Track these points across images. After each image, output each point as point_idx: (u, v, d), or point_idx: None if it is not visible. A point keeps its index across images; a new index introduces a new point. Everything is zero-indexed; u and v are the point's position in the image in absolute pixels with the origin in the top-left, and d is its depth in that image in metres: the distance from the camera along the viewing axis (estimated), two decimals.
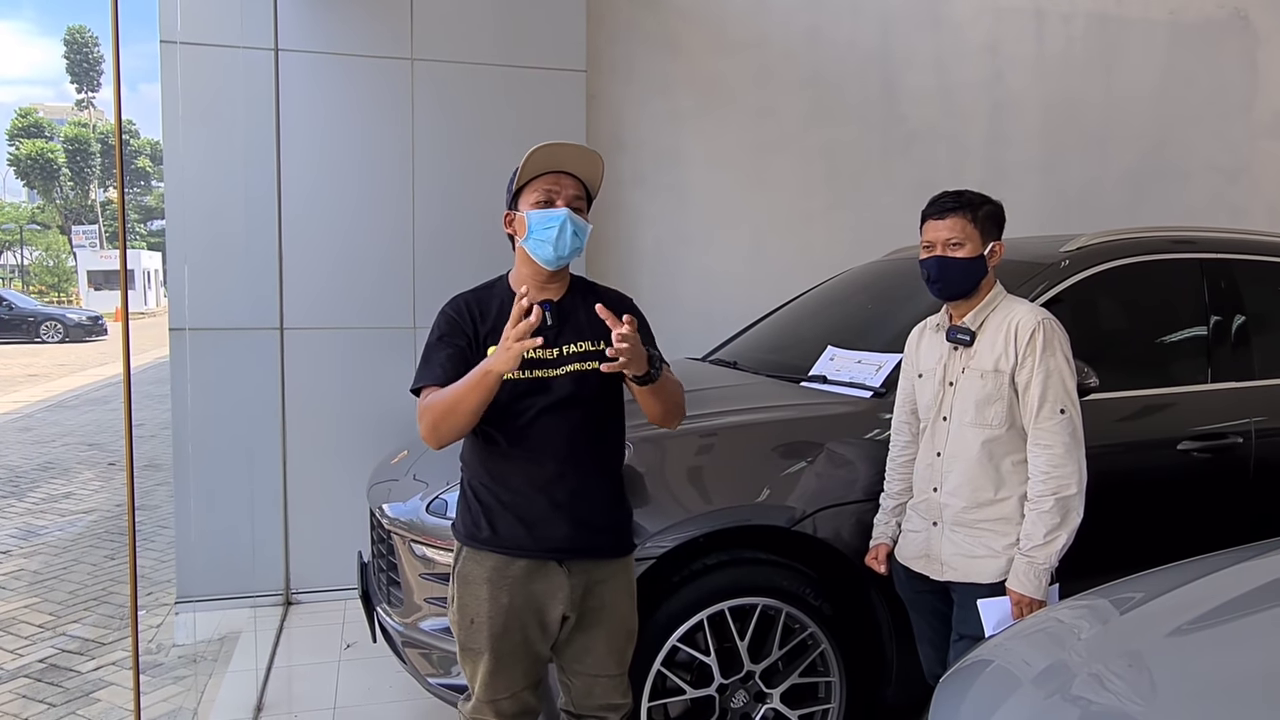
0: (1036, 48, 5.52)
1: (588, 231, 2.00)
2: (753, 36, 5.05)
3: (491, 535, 1.99)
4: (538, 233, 1.96)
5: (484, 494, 2.01)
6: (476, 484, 2.04)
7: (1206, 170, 5.91)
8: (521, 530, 1.97)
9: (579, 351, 1.99)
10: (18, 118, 48.94)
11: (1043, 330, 2.15)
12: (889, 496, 2.44)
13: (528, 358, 1.92)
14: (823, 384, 2.85)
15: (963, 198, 2.23)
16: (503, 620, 1.98)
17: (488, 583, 1.98)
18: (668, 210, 4.96)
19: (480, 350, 1.96)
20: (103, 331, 24.73)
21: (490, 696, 2.03)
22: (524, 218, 1.98)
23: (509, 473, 1.99)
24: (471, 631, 2.00)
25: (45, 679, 3.51)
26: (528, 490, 1.97)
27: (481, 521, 2.00)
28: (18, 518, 6.00)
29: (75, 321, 24.26)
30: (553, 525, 1.97)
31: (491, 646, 1.98)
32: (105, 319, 25.42)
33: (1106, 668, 1.50)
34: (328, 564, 4.06)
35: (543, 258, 1.97)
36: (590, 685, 2.08)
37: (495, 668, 2.00)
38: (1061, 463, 2.11)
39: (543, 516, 1.97)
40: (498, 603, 1.97)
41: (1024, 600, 2.09)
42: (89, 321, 24.54)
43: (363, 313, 4.12)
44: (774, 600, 2.44)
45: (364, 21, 4.10)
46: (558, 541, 1.98)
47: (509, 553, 1.98)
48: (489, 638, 1.98)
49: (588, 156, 2.00)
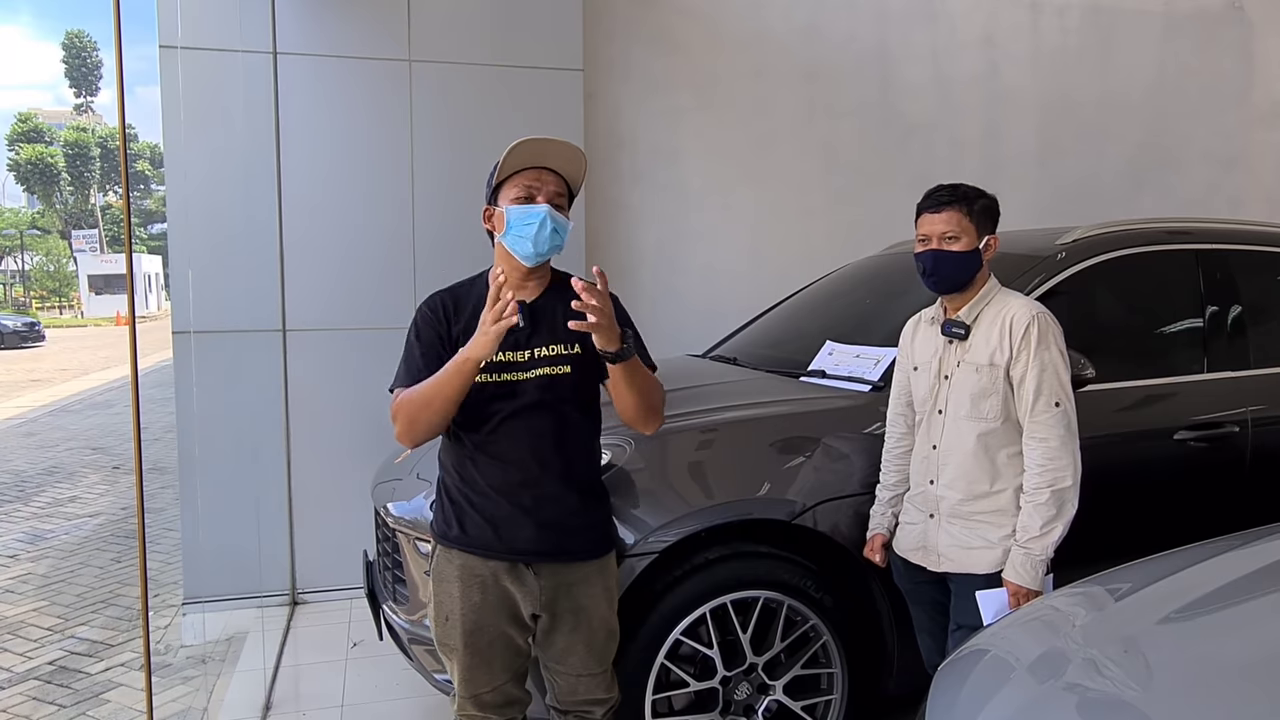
0: (1032, 41, 5.54)
1: (568, 229, 1.99)
2: (750, 32, 5.06)
3: (461, 534, 2.00)
4: (517, 228, 1.94)
5: (455, 494, 2.03)
6: (449, 483, 2.05)
7: (1203, 161, 5.92)
8: (489, 531, 1.98)
9: (550, 355, 1.98)
10: (17, 123, 48.98)
11: (1037, 324, 2.17)
12: (885, 488, 2.46)
13: (497, 361, 1.91)
14: (822, 379, 2.87)
15: (958, 191, 2.24)
16: (475, 617, 1.99)
17: (459, 580, 2.00)
18: (667, 207, 4.98)
19: (453, 349, 1.93)
20: (39, 338, 24.50)
21: (471, 691, 2.05)
22: (503, 213, 1.96)
23: (477, 474, 1.99)
24: (447, 628, 2.02)
25: (55, 681, 3.54)
26: (493, 493, 1.98)
27: (452, 520, 2.02)
28: (24, 522, 6.03)
29: (11, 329, 24.03)
30: (518, 528, 1.97)
31: (466, 643, 2.00)
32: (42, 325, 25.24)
33: (1102, 654, 1.52)
34: (333, 564, 4.09)
35: (521, 254, 1.96)
36: (574, 684, 2.10)
37: (472, 662, 2.02)
38: (1057, 455, 2.13)
39: (508, 519, 1.97)
40: (469, 600, 1.99)
41: (1021, 591, 2.11)
42: (24, 328, 24.36)
43: (364, 313, 4.14)
44: (775, 593, 2.46)
45: (361, 23, 4.11)
46: (523, 544, 1.98)
47: (477, 552, 1.99)
48: (463, 634, 2.00)
49: (570, 152, 1.98)
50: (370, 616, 2.99)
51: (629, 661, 2.33)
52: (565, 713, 2.15)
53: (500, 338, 1.78)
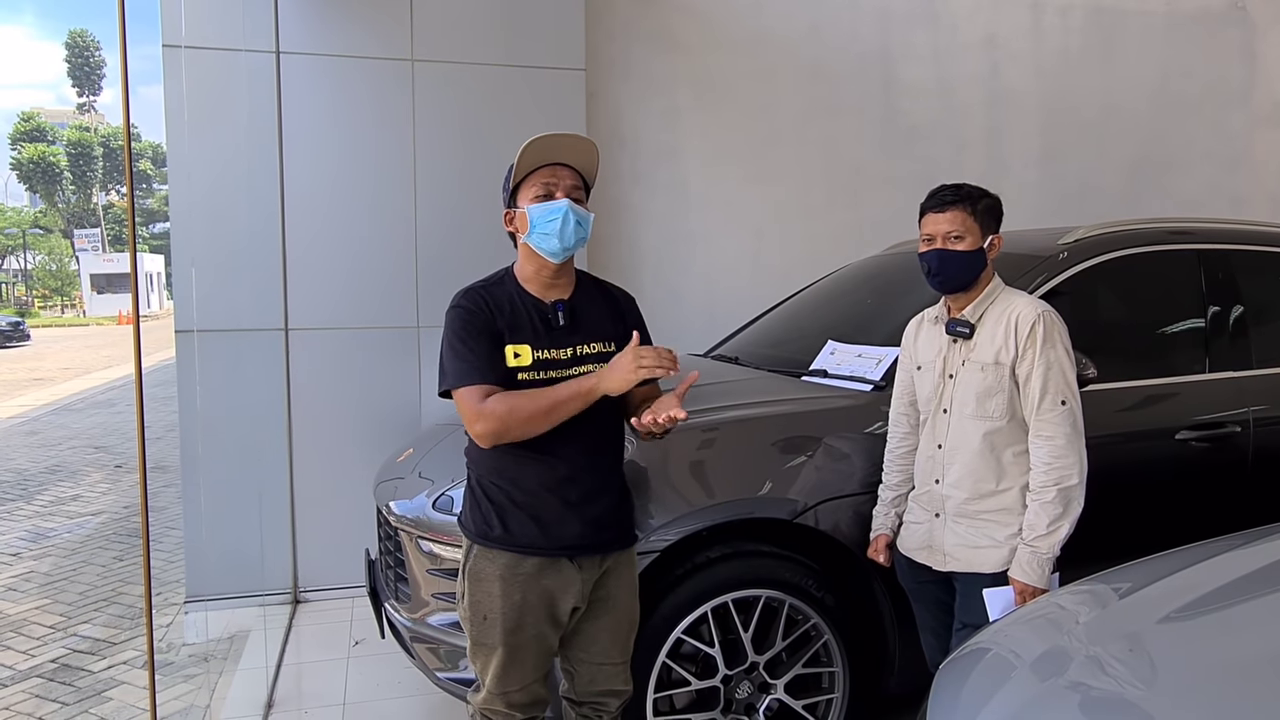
0: (1034, 41, 5.54)
1: (590, 221, 2.00)
2: (752, 32, 5.06)
3: (504, 533, 1.99)
4: (541, 226, 1.95)
5: (495, 492, 2.01)
6: (486, 482, 2.03)
7: (1205, 161, 5.92)
8: (535, 529, 1.98)
9: (591, 353, 2.00)
10: (20, 122, 49.05)
11: (1043, 322, 2.17)
12: (888, 488, 2.46)
13: (541, 358, 1.94)
14: (823, 378, 2.87)
15: (962, 191, 2.24)
16: (516, 616, 1.99)
17: (500, 580, 1.99)
18: (669, 207, 4.98)
19: (500, 346, 1.94)
20: (24, 337, 24.35)
21: (502, 689, 2.05)
22: (525, 213, 1.96)
23: (521, 472, 1.98)
24: (485, 627, 2.02)
25: (58, 679, 3.54)
26: (540, 490, 1.98)
27: (493, 519, 2.00)
28: (27, 520, 6.04)
29: None
30: (566, 524, 1.98)
31: (505, 641, 2.00)
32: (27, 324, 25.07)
33: (1105, 652, 1.52)
34: (335, 562, 4.09)
35: (548, 250, 1.96)
36: (594, 673, 2.11)
37: (508, 661, 2.02)
38: (1063, 453, 2.13)
39: (556, 516, 1.98)
40: (510, 599, 1.99)
41: (1027, 589, 2.11)
42: (9, 327, 24.23)
43: (367, 313, 4.14)
44: (777, 592, 2.46)
45: (364, 23, 4.12)
46: (571, 540, 1.99)
47: (522, 551, 1.99)
48: (502, 633, 2.00)
49: (583, 145, 1.99)
50: (372, 615, 3.00)
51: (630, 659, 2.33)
52: (580, 704, 2.16)
53: (634, 381, 1.84)
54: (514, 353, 1.95)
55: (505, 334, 1.96)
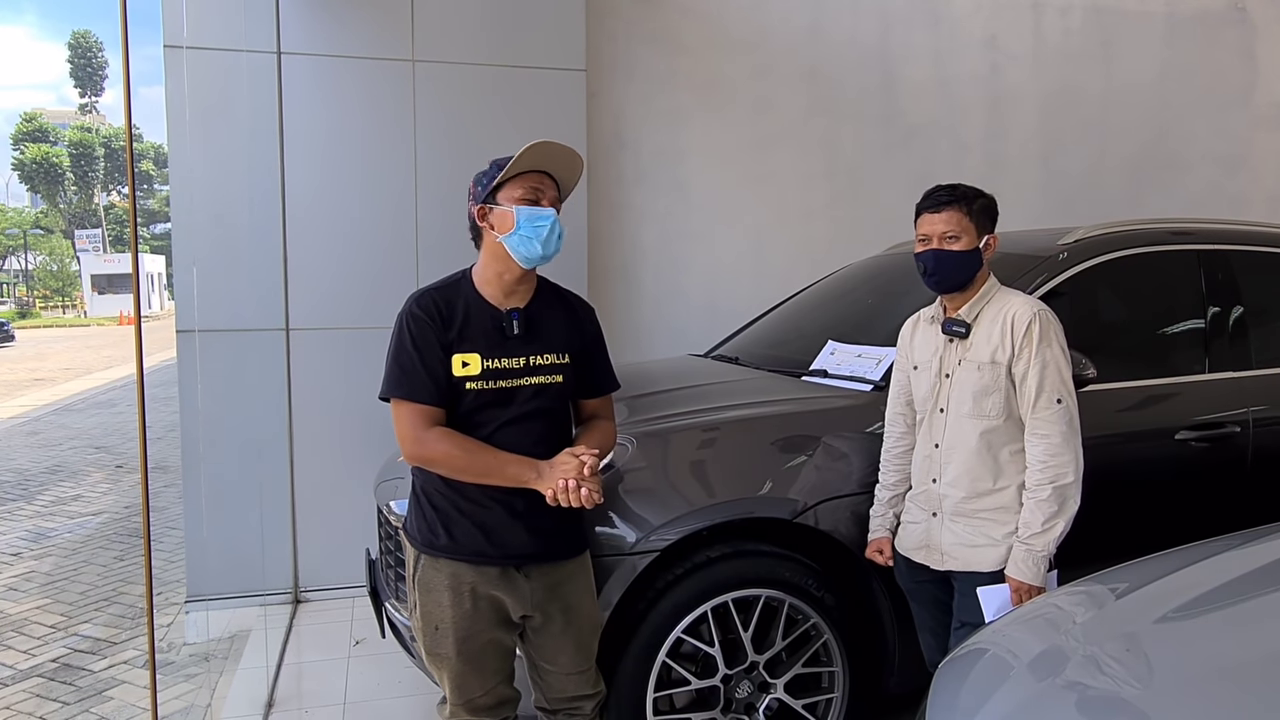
0: (1034, 41, 5.54)
1: (564, 236, 2.00)
2: (752, 33, 5.07)
3: (450, 542, 1.98)
4: (526, 229, 1.93)
5: (439, 500, 2.00)
6: (431, 490, 2.01)
7: (1205, 161, 5.91)
8: (481, 538, 1.96)
9: (544, 364, 1.99)
10: (22, 122, 49.11)
11: (1039, 321, 2.17)
12: (884, 488, 2.46)
13: (491, 368, 1.93)
14: (823, 378, 2.88)
15: (957, 191, 2.25)
16: (467, 625, 1.98)
17: (449, 590, 1.98)
18: (670, 207, 4.99)
19: (448, 355, 1.93)
20: (9, 338, 24.33)
21: (465, 698, 2.05)
22: (511, 212, 1.94)
23: (466, 481, 1.97)
24: (437, 638, 2.01)
25: (58, 678, 3.55)
26: (485, 499, 1.96)
27: (439, 528, 1.99)
28: (28, 520, 6.05)
29: None
30: (511, 533, 1.97)
31: (458, 651, 1.99)
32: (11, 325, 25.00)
33: (1102, 651, 1.52)
34: (336, 562, 4.10)
35: (525, 255, 1.95)
36: (564, 682, 2.11)
37: (465, 669, 2.01)
38: (1059, 452, 2.13)
39: (501, 524, 1.97)
40: (460, 609, 1.98)
41: (1023, 587, 2.11)
42: None
43: (367, 313, 4.14)
44: (777, 591, 2.46)
45: (365, 24, 4.12)
46: (517, 549, 1.98)
47: (469, 560, 1.97)
48: (455, 643, 1.99)
49: (572, 158, 1.99)
50: (373, 614, 3.00)
51: (630, 659, 2.34)
52: (554, 712, 2.16)
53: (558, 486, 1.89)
54: (462, 361, 1.94)
55: (454, 343, 1.94)
